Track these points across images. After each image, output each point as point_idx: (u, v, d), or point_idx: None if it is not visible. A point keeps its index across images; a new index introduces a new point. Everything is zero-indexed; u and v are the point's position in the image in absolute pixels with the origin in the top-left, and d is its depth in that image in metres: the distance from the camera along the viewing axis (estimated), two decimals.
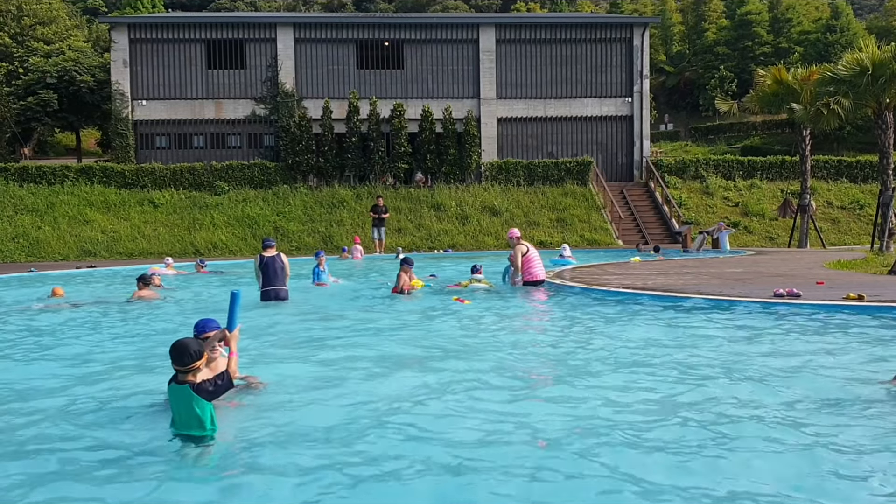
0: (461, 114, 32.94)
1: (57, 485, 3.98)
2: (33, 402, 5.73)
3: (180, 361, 4.61)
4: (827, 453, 4.33)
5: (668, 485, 3.85)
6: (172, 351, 4.65)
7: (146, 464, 4.26)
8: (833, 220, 32.09)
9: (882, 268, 15.82)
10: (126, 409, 5.46)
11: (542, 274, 13.57)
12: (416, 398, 5.60)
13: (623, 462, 4.18)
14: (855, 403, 5.43)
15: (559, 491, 3.80)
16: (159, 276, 14.77)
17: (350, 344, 8.21)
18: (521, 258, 13.42)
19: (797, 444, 4.49)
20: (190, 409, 4.48)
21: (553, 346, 8.09)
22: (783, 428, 4.80)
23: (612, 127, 34.86)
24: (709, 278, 13.75)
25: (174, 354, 4.63)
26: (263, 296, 12.22)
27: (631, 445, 4.46)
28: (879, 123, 22.62)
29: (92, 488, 3.92)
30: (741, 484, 3.86)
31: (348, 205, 30.43)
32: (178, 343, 4.70)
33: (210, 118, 33.22)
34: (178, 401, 4.55)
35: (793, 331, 8.53)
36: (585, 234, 29.77)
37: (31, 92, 37.42)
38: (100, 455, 4.43)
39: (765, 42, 64.28)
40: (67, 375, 6.76)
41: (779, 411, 5.20)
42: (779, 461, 4.19)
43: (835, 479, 3.93)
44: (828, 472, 4.02)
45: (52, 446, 4.61)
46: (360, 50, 33.91)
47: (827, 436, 4.63)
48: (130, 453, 4.42)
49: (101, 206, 29.39)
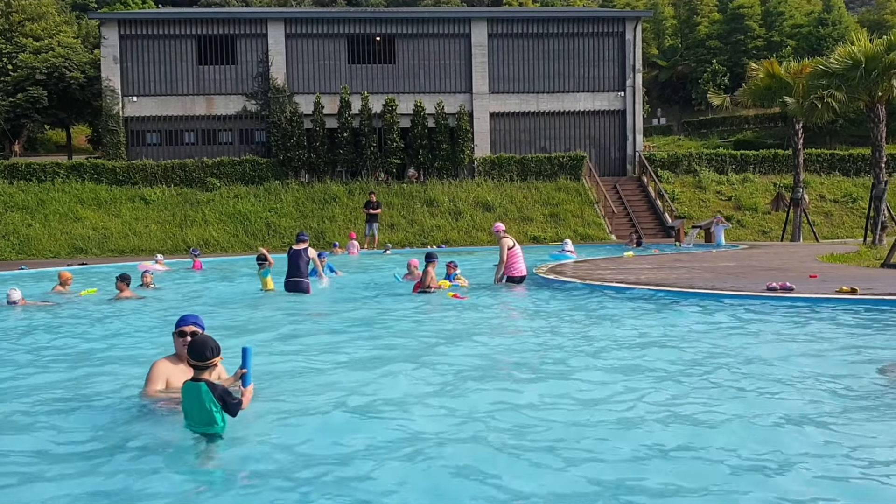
0: (453, 109, 32.83)
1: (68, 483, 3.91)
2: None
3: (200, 357, 4.55)
4: (820, 434, 4.29)
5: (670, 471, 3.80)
6: (191, 347, 4.62)
7: (156, 459, 4.25)
8: (826, 214, 32.12)
9: (875, 261, 15.82)
10: (116, 409, 5.39)
11: (525, 270, 13.43)
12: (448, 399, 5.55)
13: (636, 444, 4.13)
14: (849, 393, 5.41)
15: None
16: (151, 275, 14.58)
17: (383, 345, 8.14)
18: (507, 251, 13.23)
19: (793, 431, 4.46)
20: (202, 405, 4.46)
21: (589, 345, 8.03)
22: (779, 417, 4.76)
23: (605, 121, 34.81)
24: (702, 272, 13.72)
25: (194, 349, 4.59)
26: (286, 286, 12.95)
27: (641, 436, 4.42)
28: (872, 117, 22.64)
29: (101, 482, 3.87)
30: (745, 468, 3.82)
31: (340, 200, 30.32)
32: (198, 338, 4.71)
33: (201, 114, 33.04)
34: (191, 397, 4.52)
35: (785, 324, 8.50)
36: (579, 228, 29.72)
37: (21, 88, 37.15)
38: (113, 450, 4.37)
39: (757, 36, 64.29)
40: (55, 375, 6.68)
41: (772, 401, 5.18)
42: (773, 445, 4.15)
43: (836, 459, 3.90)
44: (829, 455, 4.00)
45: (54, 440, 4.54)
46: (352, 45, 33.77)
47: (823, 424, 4.60)
48: (146, 450, 4.38)
49: (92, 203, 29.22)
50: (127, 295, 12.27)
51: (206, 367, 4.56)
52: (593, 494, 3.70)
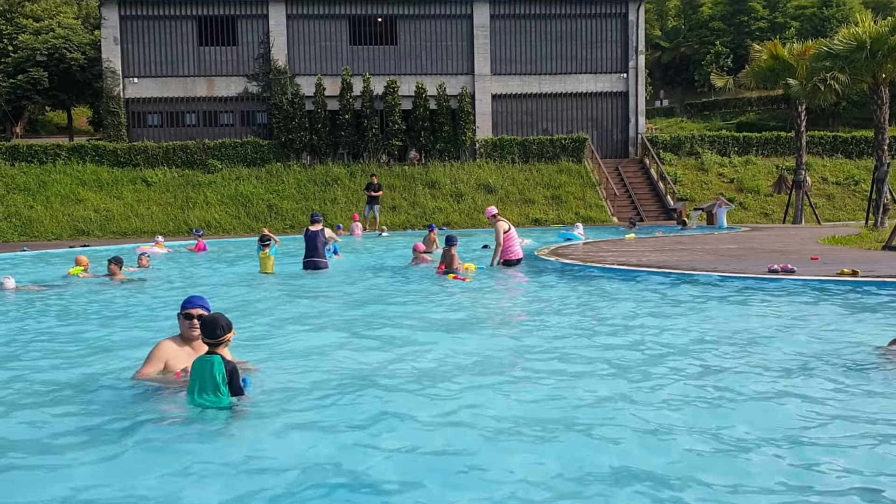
0: (455, 90, 32.70)
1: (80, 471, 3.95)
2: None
3: (212, 334, 4.73)
4: (822, 409, 4.33)
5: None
6: (204, 325, 4.81)
7: (164, 432, 4.29)
8: (828, 196, 32.07)
9: (876, 243, 15.83)
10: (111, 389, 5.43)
11: (521, 252, 13.36)
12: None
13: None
14: (852, 371, 5.46)
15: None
16: (148, 257, 14.54)
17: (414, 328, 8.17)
18: (503, 235, 13.09)
19: (797, 409, 4.50)
20: (213, 377, 4.65)
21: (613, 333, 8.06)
22: (785, 395, 4.80)
23: (608, 103, 34.68)
24: (703, 254, 13.74)
25: (206, 328, 4.78)
26: (305, 265, 13.61)
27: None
28: (875, 99, 22.54)
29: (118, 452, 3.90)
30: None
31: (342, 182, 30.29)
32: (209, 317, 4.87)
33: (202, 96, 32.94)
34: (202, 370, 4.69)
35: (787, 306, 8.52)
36: (581, 211, 29.70)
37: (21, 70, 37.01)
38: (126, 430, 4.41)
39: (760, 17, 63.83)
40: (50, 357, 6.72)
41: (778, 381, 5.22)
42: (782, 418, 4.19)
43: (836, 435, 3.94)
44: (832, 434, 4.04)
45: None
46: (353, 26, 33.59)
47: (823, 401, 4.64)
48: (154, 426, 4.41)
49: (93, 185, 29.21)
50: (120, 277, 12.34)
51: (219, 343, 4.74)
52: (608, 477, 3.73)
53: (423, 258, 14.24)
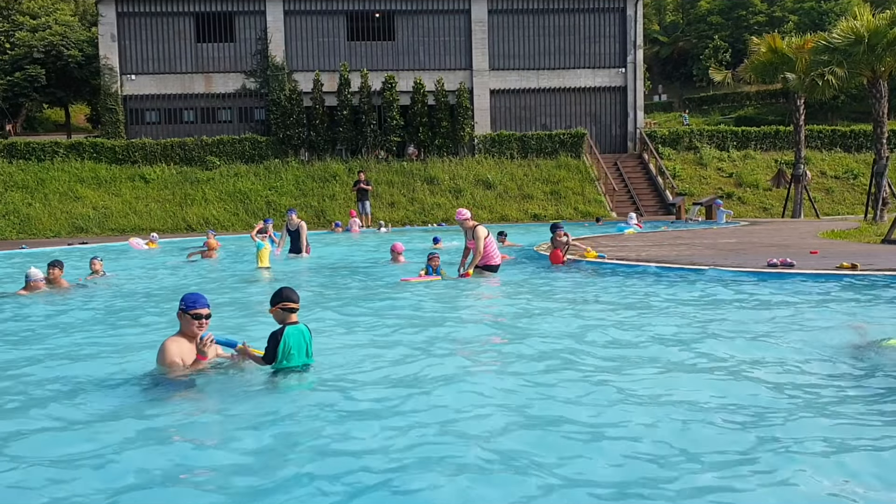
0: (453, 86, 32.64)
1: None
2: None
3: (297, 300, 5.47)
4: (824, 404, 4.33)
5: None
6: (289, 294, 5.44)
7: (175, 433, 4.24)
8: (827, 190, 32.05)
9: (875, 237, 15.83)
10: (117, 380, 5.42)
11: (499, 258, 12.06)
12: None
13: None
14: (847, 364, 5.45)
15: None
16: (101, 261, 12.78)
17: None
18: (484, 241, 11.59)
19: (794, 402, 4.49)
20: (308, 342, 5.51)
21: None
22: (779, 387, 4.79)
23: (606, 98, 34.63)
24: (703, 249, 13.73)
25: (291, 294, 5.45)
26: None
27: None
28: (874, 92, 22.53)
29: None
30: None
31: (340, 178, 30.24)
32: (287, 288, 5.52)
33: (200, 92, 32.87)
34: (299, 338, 5.44)
35: (786, 300, 8.52)
36: (579, 206, 29.69)
37: (18, 67, 36.87)
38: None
39: (759, 11, 63.67)
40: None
41: (775, 375, 5.21)
42: (780, 421, 4.18)
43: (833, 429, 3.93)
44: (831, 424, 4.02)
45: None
46: (351, 22, 33.51)
47: (822, 394, 4.63)
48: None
49: (91, 182, 29.17)
50: (63, 284, 10.93)
51: (297, 309, 5.46)
52: (610, 477, 3.72)
53: (402, 260, 14.14)
